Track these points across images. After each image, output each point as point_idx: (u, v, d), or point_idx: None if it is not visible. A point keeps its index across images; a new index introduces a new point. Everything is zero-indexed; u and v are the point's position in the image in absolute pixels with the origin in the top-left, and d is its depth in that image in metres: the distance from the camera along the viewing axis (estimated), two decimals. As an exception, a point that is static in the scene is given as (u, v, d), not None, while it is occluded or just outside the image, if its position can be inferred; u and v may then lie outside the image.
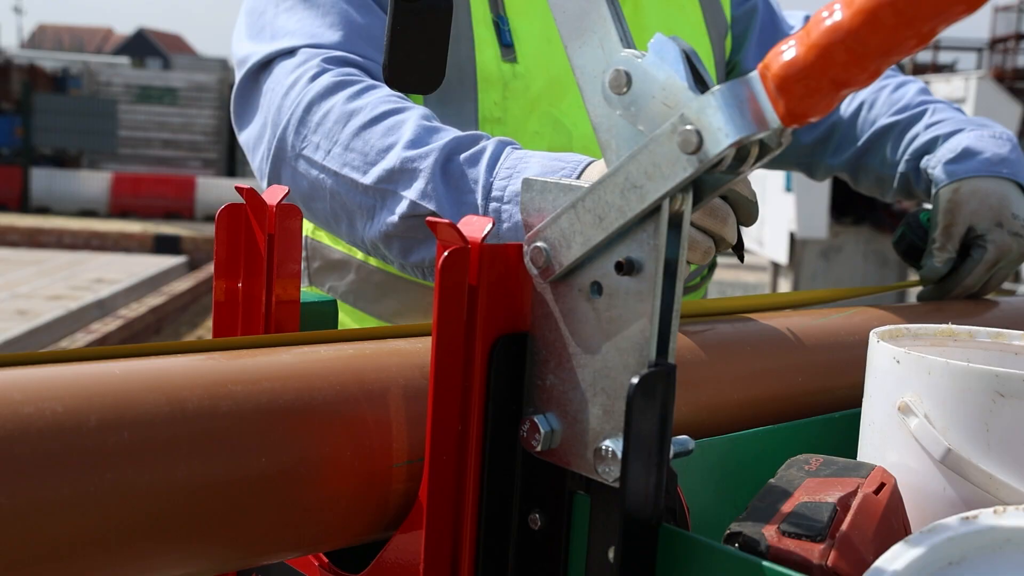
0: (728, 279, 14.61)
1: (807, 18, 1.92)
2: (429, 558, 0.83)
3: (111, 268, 12.48)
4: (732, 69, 1.87)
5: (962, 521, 0.75)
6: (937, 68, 25.48)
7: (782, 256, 10.87)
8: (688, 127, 0.71)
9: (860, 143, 1.81)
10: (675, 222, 0.76)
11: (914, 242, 1.66)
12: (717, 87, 0.70)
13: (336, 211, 1.38)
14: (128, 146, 23.11)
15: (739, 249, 1.24)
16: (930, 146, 1.70)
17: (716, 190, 0.76)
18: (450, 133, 1.31)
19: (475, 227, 0.83)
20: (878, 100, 1.79)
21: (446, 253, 0.80)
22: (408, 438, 0.90)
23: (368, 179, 1.32)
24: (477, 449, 0.83)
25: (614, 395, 0.78)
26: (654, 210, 0.74)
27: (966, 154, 1.63)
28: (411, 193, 1.28)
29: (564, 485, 0.82)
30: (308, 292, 1.17)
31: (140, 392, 0.78)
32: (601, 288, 0.79)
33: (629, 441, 0.75)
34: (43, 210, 19.29)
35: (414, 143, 1.30)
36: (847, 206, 9.71)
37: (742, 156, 0.73)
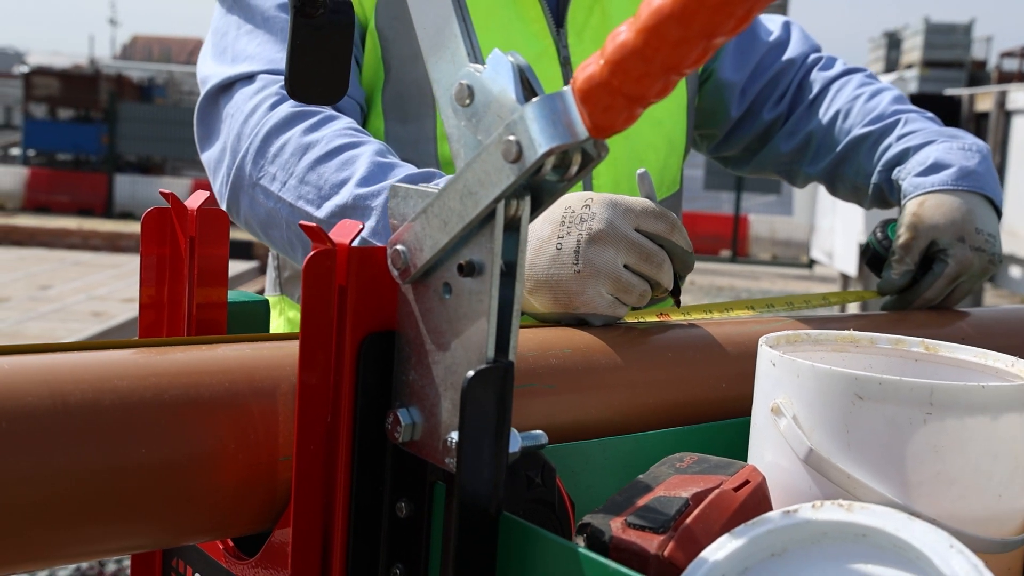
0: (799, 290, 14.49)
1: (787, 24, 1.92)
2: (298, 546, 0.88)
3: (186, 273, 12.73)
4: (708, 77, 1.88)
5: (783, 515, 0.79)
6: None
7: (851, 268, 10.76)
8: (510, 137, 0.75)
9: (836, 152, 1.81)
10: (513, 226, 0.80)
11: (878, 253, 1.67)
12: (536, 99, 0.74)
13: (292, 240, 1.43)
14: (208, 154, 23.47)
15: (676, 294, 1.30)
16: (901, 157, 1.70)
17: (554, 195, 0.80)
18: (403, 170, 1.35)
19: (345, 231, 0.88)
20: (853, 109, 1.79)
21: (311, 254, 0.86)
22: (297, 432, 0.94)
23: (322, 213, 1.37)
24: (347, 441, 0.88)
25: (460, 390, 0.82)
26: (490, 215, 0.79)
27: (934, 167, 1.63)
28: (363, 231, 1.32)
29: (426, 475, 0.87)
30: (237, 292, 1.22)
31: (25, 385, 0.83)
32: (451, 288, 0.83)
33: (464, 433, 0.79)
34: (126, 215, 19.70)
35: (367, 180, 1.34)
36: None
37: (566, 164, 0.77)
